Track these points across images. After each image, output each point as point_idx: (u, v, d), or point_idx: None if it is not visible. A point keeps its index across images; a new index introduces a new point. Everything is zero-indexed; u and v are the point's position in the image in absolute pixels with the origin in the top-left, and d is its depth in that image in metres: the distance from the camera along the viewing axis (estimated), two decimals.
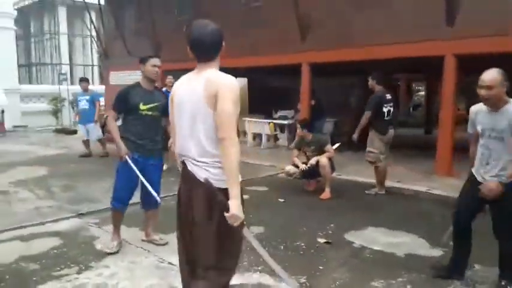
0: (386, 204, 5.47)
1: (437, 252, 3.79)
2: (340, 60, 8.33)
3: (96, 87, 17.60)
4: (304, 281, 3.25)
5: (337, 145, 6.36)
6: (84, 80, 9.39)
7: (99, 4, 14.30)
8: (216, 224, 2.03)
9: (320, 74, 9.42)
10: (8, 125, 15.27)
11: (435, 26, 6.86)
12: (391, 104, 5.76)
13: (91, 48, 26.14)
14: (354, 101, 11.21)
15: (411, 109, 21.27)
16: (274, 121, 10.37)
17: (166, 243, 3.89)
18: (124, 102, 3.58)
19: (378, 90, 5.71)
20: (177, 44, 5.39)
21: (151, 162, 3.69)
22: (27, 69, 27.35)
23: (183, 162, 2.13)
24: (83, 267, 3.41)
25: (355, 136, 5.77)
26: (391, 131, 5.81)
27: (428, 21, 6.96)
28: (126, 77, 13.80)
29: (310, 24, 8.74)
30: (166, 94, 7.07)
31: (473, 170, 3.07)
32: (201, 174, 2.04)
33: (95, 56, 26.29)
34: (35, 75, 26.95)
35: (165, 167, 6.98)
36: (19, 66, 21.09)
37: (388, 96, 5.75)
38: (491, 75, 2.78)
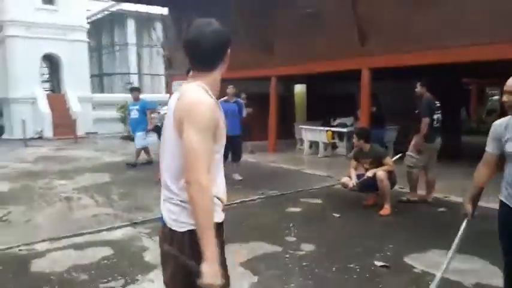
0: (453, 223, 4.94)
1: None
2: (402, 64, 7.86)
3: (161, 95, 18.30)
4: None
5: (397, 156, 5.93)
6: (135, 90, 9.51)
7: (162, 15, 14.91)
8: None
9: (382, 78, 8.98)
10: (80, 131, 16.34)
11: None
12: (439, 112, 5.64)
13: (158, 58, 27.41)
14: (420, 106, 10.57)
15: (484, 115, 19.70)
16: (332, 129, 10.03)
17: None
18: None
19: (427, 97, 5.60)
20: (237, 54, 5.38)
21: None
22: (99, 79, 29.26)
23: None
24: (129, 280, 3.42)
25: (414, 147, 5.56)
26: (439, 139, 5.67)
27: (502, 21, 6.33)
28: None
29: (369, 28, 8.36)
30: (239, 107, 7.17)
31: (503, 198, 2.46)
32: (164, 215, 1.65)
33: (162, 65, 27.56)
34: (106, 84, 28.77)
35: (238, 177, 7.20)
36: (92, 76, 22.59)
37: (437, 104, 5.64)
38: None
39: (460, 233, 2.65)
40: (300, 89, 15.04)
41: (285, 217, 5.19)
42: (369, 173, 5.37)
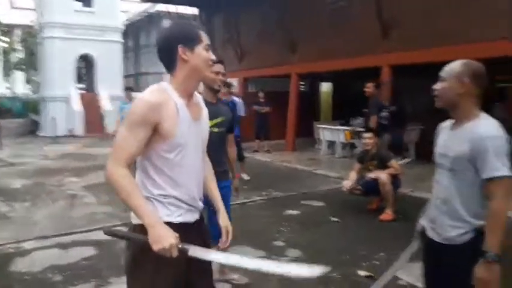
0: None
1: None
2: (424, 61, 7.44)
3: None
4: None
5: (405, 161, 5.58)
6: (128, 89, 9.30)
7: (194, 15, 15.10)
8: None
9: (406, 74, 8.55)
10: (110, 129, 16.79)
11: None
12: (388, 110, 6.35)
13: None
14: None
15: None
16: (350, 128, 9.69)
17: (247, 284, 3.34)
18: None
19: (375, 97, 6.25)
20: (259, 52, 5.18)
21: (223, 187, 3.44)
22: (135, 78, 30.02)
23: None
24: (101, 283, 3.38)
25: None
26: (387, 136, 6.12)
27: None
28: None
29: (392, 23, 7.97)
30: (232, 106, 6.91)
31: (422, 220, 2.12)
32: None
33: None
34: (142, 84, 29.48)
35: (246, 177, 7.15)
36: (128, 76, 23.17)
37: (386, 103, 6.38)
38: (453, 63, 1.89)
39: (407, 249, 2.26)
40: (326, 87, 14.70)
41: (281, 220, 5.02)
42: (372, 174, 5.11)
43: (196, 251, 1.57)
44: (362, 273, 3.52)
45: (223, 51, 13.78)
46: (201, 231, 1.77)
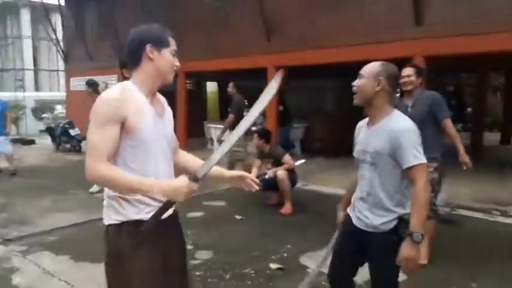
0: None
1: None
2: (307, 63, 7.97)
3: (59, 94, 16.85)
4: None
5: (300, 162, 5.91)
6: None
7: (60, 6, 13.66)
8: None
9: (290, 76, 9.06)
10: None
11: (404, 26, 6.59)
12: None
13: (56, 53, 25.28)
14: (328, 105, 10.91)
15: None
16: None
17: None
18: None
19: (237, 97, 6.61)
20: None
21: None
22: None
23: None
24: None
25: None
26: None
27: (397, 21, 6.69)
28: None
29: (276, 25, 8.36)
30: None
31: (348, 208, 2.28)
32: None
33: (61, 60, 25.46)
34: None
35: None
36: None
37: (246, 103, 6.79)
38: (372, 63, 2.10)
39: (331, 240, 2.38)
40: (213, 87, 14.76)
41: (186, 223, 4.85)
42: (270, 173, 5.30)
43: (204, 169, 1.58)
44: (273, 266, 3.63)
45: (97, 46, 12.85)
46: (177, 225, 1.87)
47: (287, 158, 5.44)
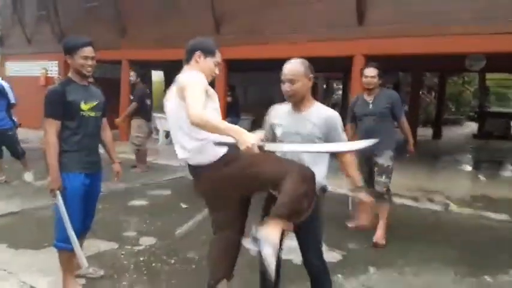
0: None
1: (336, 257, 3.63)
2: (254, 57, 8.13)
3: None
4: None
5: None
6: None
7: None
8: (240, 164, 2.19)
9: (240, 69, 9.17)
10: None
11: (346, 26, 6.91)
12: (151, 99, 7.53)
13: None
14: (274, 98, 11.11)
15: None
16: None
17: (102, 276, 3.19)
18: (62, 104, 2.69)
19: (140, 86, 6.99)
20: (84, 33, 4.76)
21: (98, 180, 2.97)
22: None
23: None
24: None
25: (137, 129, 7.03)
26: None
27: (340, 20, 7.00)
28: (27, 68, 12.51)
29: (224, 18, 8.41)
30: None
31: None
32: None
33: None
34: None
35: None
36: None
37: (149, 92, 7.47)
38: (293, 65, 2.35)
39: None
40: (158, 76, 14.51)
41: (128, 211, 4.87)
42: None
43: (271, 146, 2.14)
44: None
45: (36, 30, 12.19)
46: None
47: None
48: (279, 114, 2.48)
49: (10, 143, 5.94)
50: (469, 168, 9.09)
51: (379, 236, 3.95)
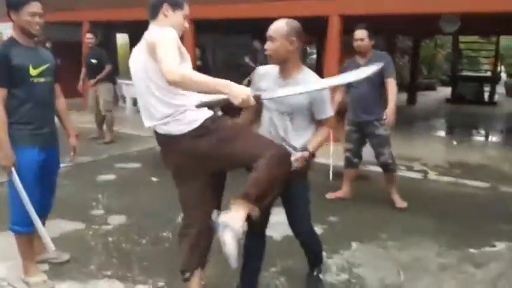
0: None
1: (317, 231, 3.47)
2: (225, 17, 7.68)
3: None
4: (163, 284, 2.68)
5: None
6: None
7: None
8: (217, 138, 1.99)
9: (210, 31, 8.68)
10: None
11: None
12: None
13: None
14: (249, 61, 10.73)
15: None
16: None
17: (67, 261, 2.92)
18: (6, 70, 2.34)
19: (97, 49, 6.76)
20: None
21: (55, 154, 2.66)
22: None
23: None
24: None
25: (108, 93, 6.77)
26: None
27: None
28: None
29: None
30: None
31: None
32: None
33: None
34: None
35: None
36: None
37: None
38: (277, 24, 2.17)
39: None
40: (123, 39, 13.69)
41: (95, 187, 4.54)
42: None
43: (266, 94, 2.05)
44: None
45: None
46: None
47: None
48: (265, 77, 2.31)
49: None
50: (444, 133, 9.14)
51: (398, 200, 4.05)
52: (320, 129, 2.29)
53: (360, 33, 3.75)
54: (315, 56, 16.67)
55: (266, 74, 2.31)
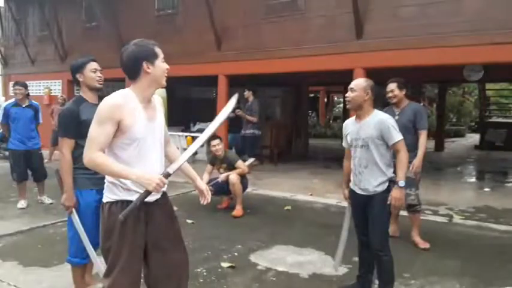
0: (297, 219, 5.35)
1: (342, 270, 3.67)
2: (255, 72, 8.26)
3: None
4: None
5: (250, 161, 6.15)
6: None
7: None
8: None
9: (240, 84, 9.30)
10: None
11: (345, 40, 7.05)
12: None
13: None
14: (277, 113, 11.25)
15: (331, 121, 21.98)
16: (192, 134, 9.98)
17: None
18: (76, 124, 2.74)
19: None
20: (86, 52, 4.89)
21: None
22: None
23: None
24: None
25: None
26: None
27: (339, 34, 7.15)
28: (31, 88, 12.65)
29: (225, 34, 8.59)
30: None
31: (351, 184, 3.14)
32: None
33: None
34: None
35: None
36: None
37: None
38: (358, 80, 2.99)
39: (346, 213, 3.29)
40: (161, 93, 14.62)
41: None
42: (222, 177, 5.45)
43: (173, 167, 2.03)
44: (225, 264, 3.78)
45: (39, 49, 12.42)
46: (165, 207, 2.28)
47: (240, 163, 5.62)
48: (348, 125, 3.10)
49: (40, 163, 5.87)
50: (471, 179, 9.13)
51: (421, 242, 4.24)
52: (397, 157, 2.87)
53: (388, 87, 4.22)
54: (341, 105, 17.10)
55: (348, 122, 3.10)
